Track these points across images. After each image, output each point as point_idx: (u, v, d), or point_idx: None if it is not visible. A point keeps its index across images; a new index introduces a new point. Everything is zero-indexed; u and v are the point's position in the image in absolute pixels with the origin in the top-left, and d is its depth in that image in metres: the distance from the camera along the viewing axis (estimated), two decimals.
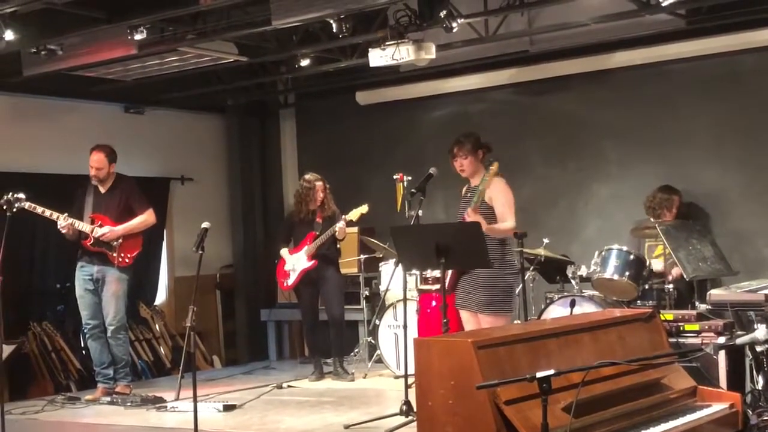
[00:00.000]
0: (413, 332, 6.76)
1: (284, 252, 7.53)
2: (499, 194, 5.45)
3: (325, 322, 7.54)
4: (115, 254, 6.95)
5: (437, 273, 5.96)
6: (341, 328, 7.48)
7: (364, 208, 7.18)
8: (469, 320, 5.49)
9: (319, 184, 7.46)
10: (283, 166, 9.99)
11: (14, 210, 6.47)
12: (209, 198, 9.68)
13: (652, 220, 7.15)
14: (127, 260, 7.00)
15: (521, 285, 6.27)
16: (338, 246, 7.74)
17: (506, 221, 5.39)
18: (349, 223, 7.30)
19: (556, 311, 6.78)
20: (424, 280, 7.44)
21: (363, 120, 9.42)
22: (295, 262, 7.42)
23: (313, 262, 7.35)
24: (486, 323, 5.31)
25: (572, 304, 6.54)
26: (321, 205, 7.46)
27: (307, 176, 7.52)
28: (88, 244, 6.96)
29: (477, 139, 5.62)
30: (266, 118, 10.01)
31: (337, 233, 7.24)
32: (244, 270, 9.70)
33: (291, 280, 7.44)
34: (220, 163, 9.89)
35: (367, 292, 8.28)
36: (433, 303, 7.13)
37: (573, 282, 7.01)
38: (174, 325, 9.08)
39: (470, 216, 5.41)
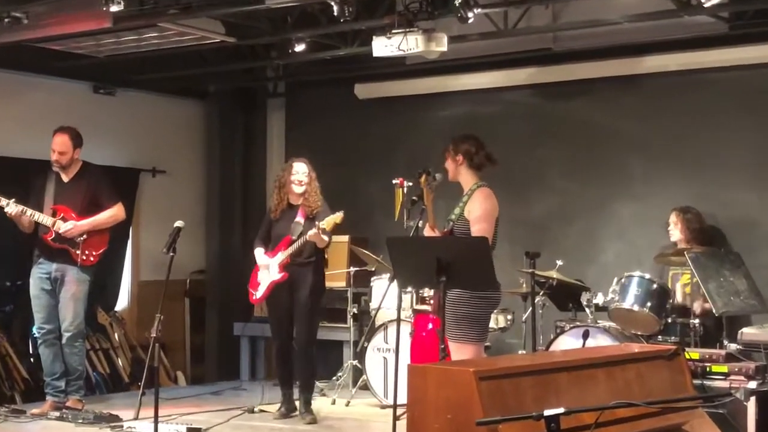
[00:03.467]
0: (405, 357, 6.76)
1: (259, 254, 7.11)
2: (475, 204, 5.46)
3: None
4: (78, 251, 6.94)
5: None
6: (309, 358, 7.06)
7: (338, 217, 6.81)
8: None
9: (299, 167, 7.01)
10: (268, 162, 10.00)
11: None
12: (183, 194, 9.69)
13: (675, 243, 7.17)
14: (91, 259, 7.00)
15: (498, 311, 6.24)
16: (325, 255, 7.72)
17: (474, 228, 5.37)
18: (323, 231, 6.84)
19: (567, 342, 6.78)
20: (421, 300, 7.44)
21: (361, 116, 9.43)
22: (268, 269, 7.06)
23: (282, 275, 6.98)
24: (452, 351, 5.32)
25: (585, 336, 6.55)
26: (303, 196, 7.02)
27: (290, 159, 7.24)
28: (49, 239, 6.96)
29: (462, 141, 5.62)
30: (252, 108, 10.02)
31: (308, 237, 6.82)
32: (218, 277, 9.69)
33: (259, 293, 7.11)
34: (197, 155, 9.89)
35: (355, 310, 8.28)
36: (430, 326, 7.13)
37: (587, 311, 7.02)
38: (135, 335, 9.06)
39: (427, 232, 5.44)
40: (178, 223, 5.83)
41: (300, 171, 7.04)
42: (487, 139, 5.76)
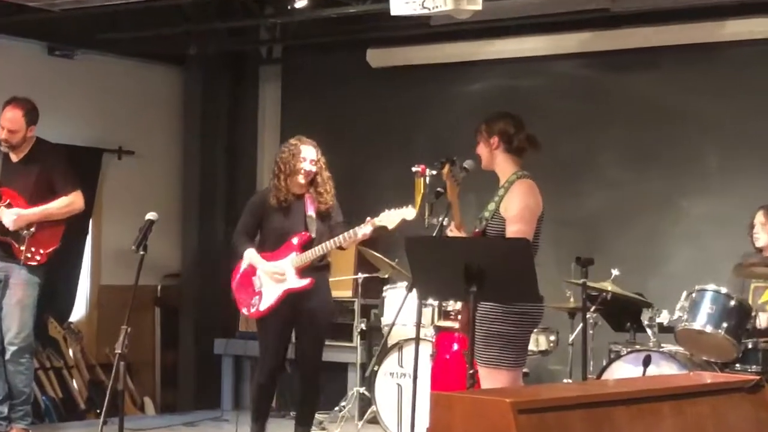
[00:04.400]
0: (425, 384, 6.77)
1: (251, 254, 6.95)
2: (514, 198, 5.45)
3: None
4: (23, 248, 6.95)
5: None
6: (317, 386, 7.04)
7: (409, 213, 6.76)
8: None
9: (308, 153, 6.94)
10: (259, 143, 10.03)
11: None
12: (155, 180, 9.73)
13: (760, 249, 7.15)
14: (37, 258, 7.00)
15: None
16: (329, 260, 7.71)
17: (511, 229, 5.37)
18: (379, 230, 6.79)
19: (624, 370, 6.78)
20: (445, 315, 7.44)
21: (374, 88, 9.44)
22: (274, 275, 6.87)
23: (308, 280, 6.86)
24: (482, 377, 5.32)
25: (646, 362, 6.54)
26: (312, 185, 6.99)
27: (293, 138, 7.13)
28: None
29: (497, 120, 5.61)
30: (241, 77, 10.06)
31: (349, 242, 6.77)
32: (196, 282, 9.72)
33: (265, 304, 6.90)
34: (173, 133, 9.93)
35: (363, 326, 8.29)
36: (455, 346, 7.13)
37: (649, 332, 7.01)
38: (94, 352, 9.10)
39: (452, 232, 5.45)
40: (151, 216, 5.83)
41: (308, 157, 6.97)
42: (529, 119, 5.72)
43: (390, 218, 6.79)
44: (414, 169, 7.31)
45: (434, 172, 7.18)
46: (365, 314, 8.45)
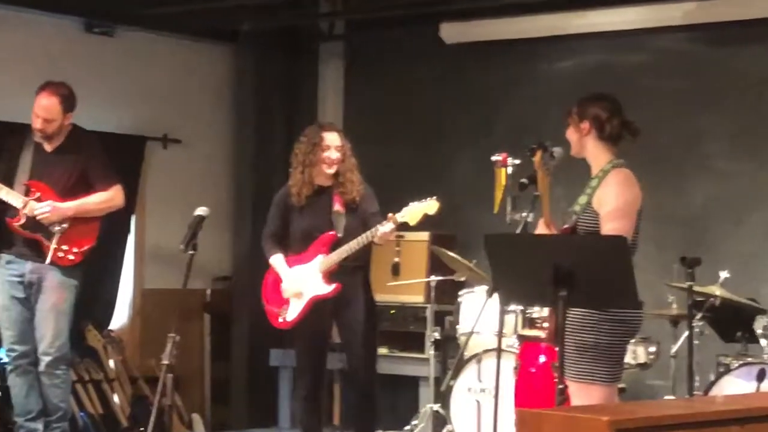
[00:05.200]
0: (508, 401, 6.76)
1: (276, 261, 7.14)
2: (609, 190, 5.41)
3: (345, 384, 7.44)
4: (54, 246, 7.02)
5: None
6: (372, 401, 7.12)
7: (431, 206, 6.80)
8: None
9: (332, 139, 7.02)
10: None
11: None
12: (204, 171, 9.79)
13: None
14: (71, 256, 7.07)
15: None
16: (396, 260, 7.72)
17: (606, 226, 5.33)
18: (403, 227, 6.85)
19: (734, 385, 6.74)
20: (530, 322, 7.42)
21: (448, 67, 9.43)
22: (300, 281, 7.01)
23: (334, 286, 6.94)
24: (572, 393, 5.29)
25: (760, 377, 6.49)
26: (336, 177, 7.04)
27: (314, 125, 7.23)
28: (16, 224, 7.07)
29: (590, 103, 5.58)
30: (299, 56, 10.09)
31: (376, 239, 6.83)
32: (249, 286, 9.70)
33: (292, 314, 7.05)
34: (224, 119, 9.99)
35: (437, 335, 8.28)
36: (542, 358, 7.11)
37: (763, 342, 6.97)
38: (137, 363, 9.15)
39: (540, 229, 5.45)
40: (200, 211, 5.89)
41: (333, 145, 7.01)
42: (626, 101, 5.68)
43: (412, 213, 6.80)
44: (494, 158, 7.34)
45: (517, 162, 7.22)
46: (439, 322, 8.44)
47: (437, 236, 8.56)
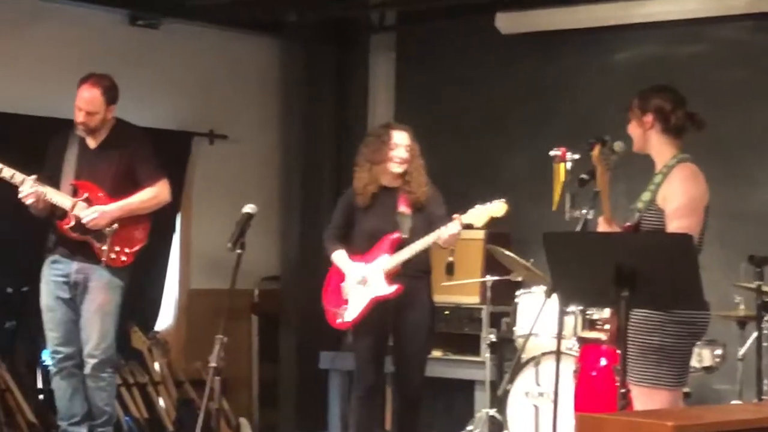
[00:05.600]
0: (567, 406, 6.75)
1: (339, 258, 7.29)
2: (674, 186, 5.39)
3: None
4: (105, 247, 7.07)
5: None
6: (418, 410, 7.26)
7: (498, 208, 6.94)
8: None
9: (400, 138, 7.14)
10: (370, 124, 10.02)
11: None
12: (252, 168, 9.83)
13: None
14: (123, 258, 7.12)
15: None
16: (450, 259, 7.73)
17: (671, 223, 5.32)
18: (467, 228, 7.00)
19: None
20: (591, 324, 7.40)
21: (504, 59, 9.42)
22: (362, 280, 7.15)
23: (396, 287, 7.05)
24: (635, 398, 5.29)
25: None
26: (403, 177, 7.16)
27: (381, 124, 7.35)
28: (66, 227, 7.11)
29: (652, 95, 5.57)
30: (349, 48, 10.10)
31: (441, 241, 6.98)
32: (299, 286, 9.76)
33: (351, 313, 7.17)
34: (271, 113, 10.02)
35: (493, 337, 8.27)
36: (603, 361, 7.09)
37: None
38: (183, 366, 9.21)
39: (601, 227, 5.46)
40: (248, 209, 5.92)
41: (401, 143, 7.11)
42: (689, 92, 5.69)
43: (478, 215, 6.92)
44: (553, 153, 7.30)
45: (576, 156, 7.19)
46: (495, 324, 8.43)
47: (493, 235, 8.55)
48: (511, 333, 8.13)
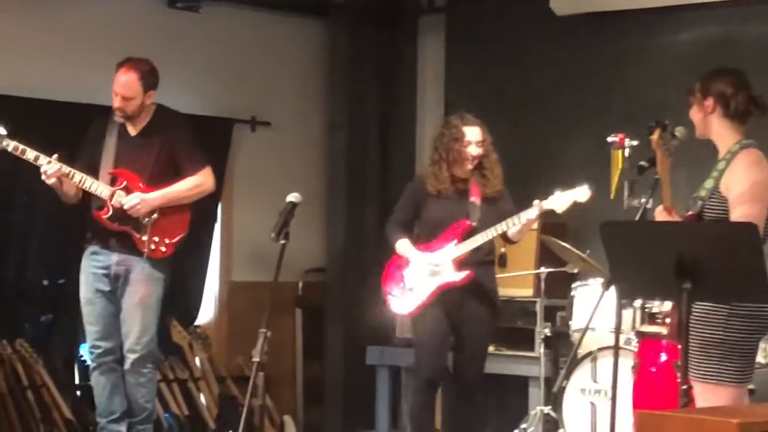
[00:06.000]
0: (626, 403, 6.70)
1: (404, 246, 7.37)
2: (737, 173, 5.36)
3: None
4: (144, 237, 7.11)
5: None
6: (477, 405, 7.38)
7: (582, 194, 6.94)
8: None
9: (472, 134, 7.24)
10: (419, 109, 10.08)
11: None
12: (295, 156, 9.88)
13: None
14: (162, 249, 7.14)
15: None
16: (503, 250, 7.73)
17: (735, 212, 5.29)
18: (546, 215, 7.07)
19: None
20: (650, 318, 7.37)
21: (559, 41, 9.38)
22: (428, 267, 7.22)
23: (466, 273, 7.16)
24: (697, 395, 5.27)
25: None
26: (478, 169, 7.26)
27: (454, 117, 7.40)
28: (105, 217, 7.15)
29: (715, 78, 5.55)
30: (396, 30, 10.10)
31: (511, 233, 7.03)
32: (345, 278, 9.79)
33: (416, 300, 7.26)
34: (316, 99, 10.05)
35: (547, 331, 8.25)
36: (664, 357, 7.05)
37: None
38: (224, 361, 9.26)
39: (659, 215, 5.45)
40: (292, 197, 5.93)
41: (474, 140, 7.19)
42: (755, 76, 5.64)
43: (559, 201, 6.94)
44: (610, 139, 7.29)
45: (635, 142, 7.17)
46: (550, 317, 8.41)
47: (547, 225, 8.50)
48: (566, 327, 8.13)
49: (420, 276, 7.24)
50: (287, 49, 9.90)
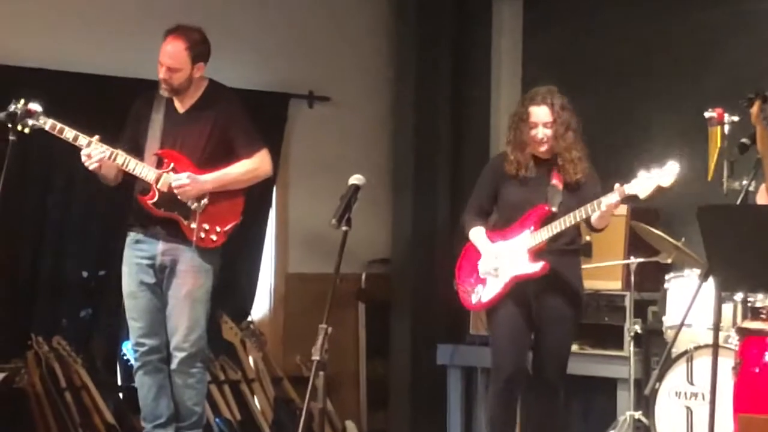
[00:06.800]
0: (726, 407, 6.59)
1: (476, 234, 7.34)
2: None
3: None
4: (194, 225, 7.08)
5: None
6: (558, 407, 7.34)
7: (667, 176, 6.78)
8: None
9: (538, 111, 7.11)
10: (493, 85, 10.08)
11: (24, 130, 6.79)
12: (358, 135, 9.89)
13: None
14: (214, 237, 7.11)
15: None
16: (587, 239, 7.66)
17: None
18: (629, 200, 6.96)
19: None
20: (753, 313, 7.27)
21: (648, 7, 9.35)
22: (501, 258, 7.18)
23: (541, 264, 7.08)
24: None
25: None
26: (553, 150, 7.16)
27: (524, 97, 7.38)
28: (150, 202, 7.13)
29: None
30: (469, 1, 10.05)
31: (594, 219, 6.97)
32: (412, 270, 9.80)
33: (488, 294, 7.23)
34: (380, 73, 10.06)
35: (637, 328, 8.22)
36: None
37: None
38: (280, 361, 9.28)
39: (762, 198, 5.52)
40: (355, 180, 5.88)
41: (541, 121, 7.10)
42: None
43: (643, 185, 6.83)
44: (707, 114, 7.23)
45: (735, 118, 7.09)
46: (640, 313, 8.36)
47: (637, 210, 8.47)
48: (659, 323, 8.09)
49: (493, 267, 7.20)
50: (349, 17, 9.91)
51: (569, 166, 7.13)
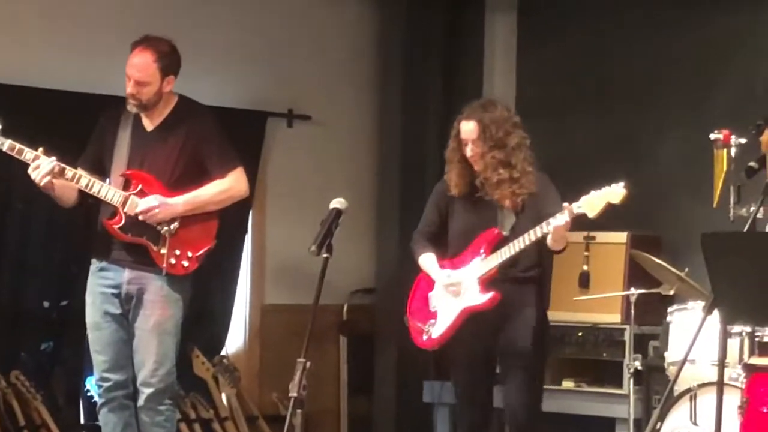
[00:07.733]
0: None
1: (425, 261, 7.30)
2: None
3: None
4: (164, 251, 7.06)
5: None
6: None
7: (613, 193, 6.70)
8: None
9: (465, 126, 6.99)
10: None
11: None
12: (339, 156, 9.91)
13: None
14: (185, 263, 7.08)
15: None
16: (585, 268, 7.69)
17: None
18: (578, 220, 6.73)
19: None
20: (761, 348, 7.31)
21: (650, 20, 9.40)
22: (450, 288, 7.09)
23: (490, 295, 6.97)
24: None
25: None
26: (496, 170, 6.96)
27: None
28: (116, 227, 7.10)
29: None
30: (460, 9, 10.14)
31: (548, 241, 6.81)
32: (397, 301, 9.73)
33: (438, 330, 7.13)
34: (365, 89, 10.09)
35: (638, 364, 8.21)
36: None
37: None
38: (256, 397, 9.28)
39: None
40: (337, 203, 5.91)
41: (468, 137, 7.02)
42: None
43: (591, 202, 6.74)
44: (713, 136, 7.26)
45: (743, 141, 7.13)
46: (641, 348, 8.39)
47: (638, 237, 8.52)
48: (660, 359, 8.10)
49: (443, 298, 7.13)
50: (332, 31, 9.95)
51: (490, 189, 6.99)
